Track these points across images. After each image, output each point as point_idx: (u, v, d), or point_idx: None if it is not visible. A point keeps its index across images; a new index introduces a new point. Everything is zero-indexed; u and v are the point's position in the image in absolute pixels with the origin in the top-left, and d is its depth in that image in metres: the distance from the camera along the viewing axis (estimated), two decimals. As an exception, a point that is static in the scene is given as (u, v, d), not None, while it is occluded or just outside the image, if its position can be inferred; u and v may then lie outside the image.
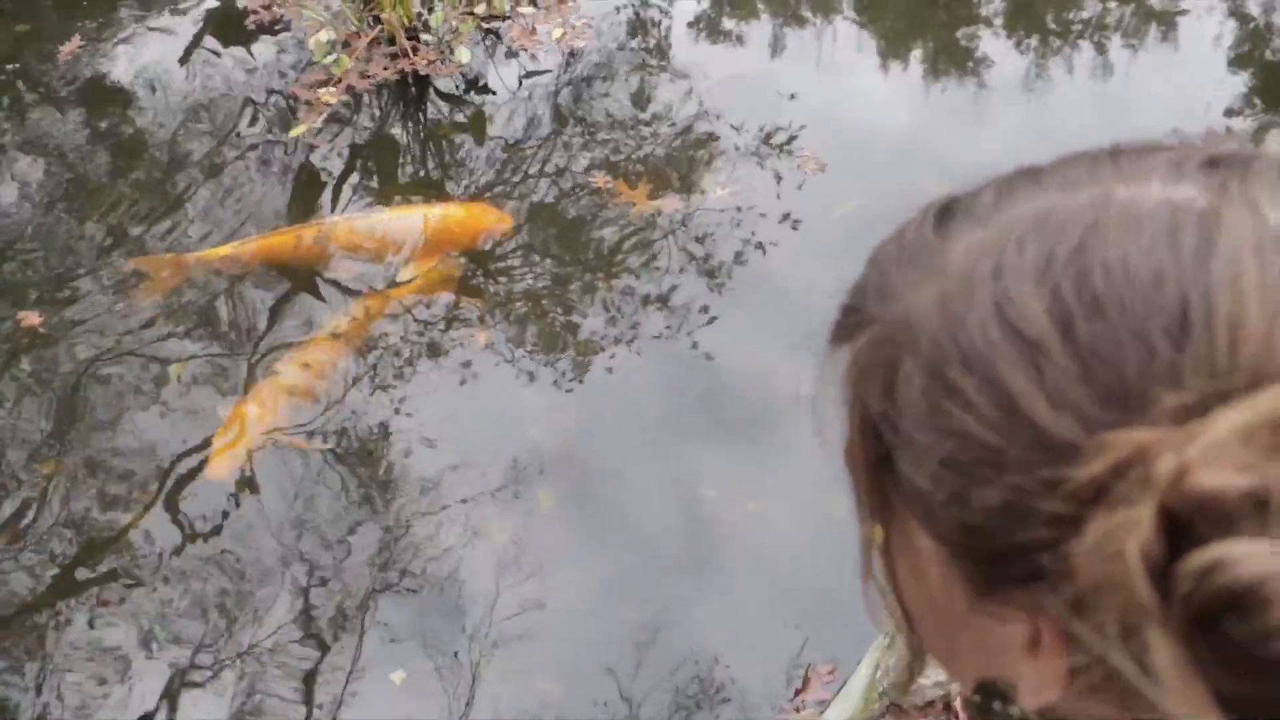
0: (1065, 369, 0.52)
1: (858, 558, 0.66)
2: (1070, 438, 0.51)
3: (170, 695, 3.11)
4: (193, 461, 3.56)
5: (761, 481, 3.42)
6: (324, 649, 3.18)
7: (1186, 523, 0.46)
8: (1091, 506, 0.49)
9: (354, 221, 4.18)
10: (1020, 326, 0.53)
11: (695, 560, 3.30)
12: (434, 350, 3.83)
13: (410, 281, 3.98)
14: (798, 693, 3.00)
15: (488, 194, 4.34)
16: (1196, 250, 0.52)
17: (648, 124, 4.56)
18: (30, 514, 3.45)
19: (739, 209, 4.19)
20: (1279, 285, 0.51)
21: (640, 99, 4.68)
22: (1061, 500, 0.51)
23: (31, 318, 3.92)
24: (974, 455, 0.54)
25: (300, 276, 4.05)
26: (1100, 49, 4.91)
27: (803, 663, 3.04)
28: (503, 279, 4.04)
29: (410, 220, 4.17)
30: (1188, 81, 4.66)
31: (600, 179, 4.29)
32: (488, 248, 4.11)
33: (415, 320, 3.92)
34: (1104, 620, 0.49)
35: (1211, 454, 0.46)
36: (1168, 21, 5.08)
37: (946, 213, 0.61)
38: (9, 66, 4.93)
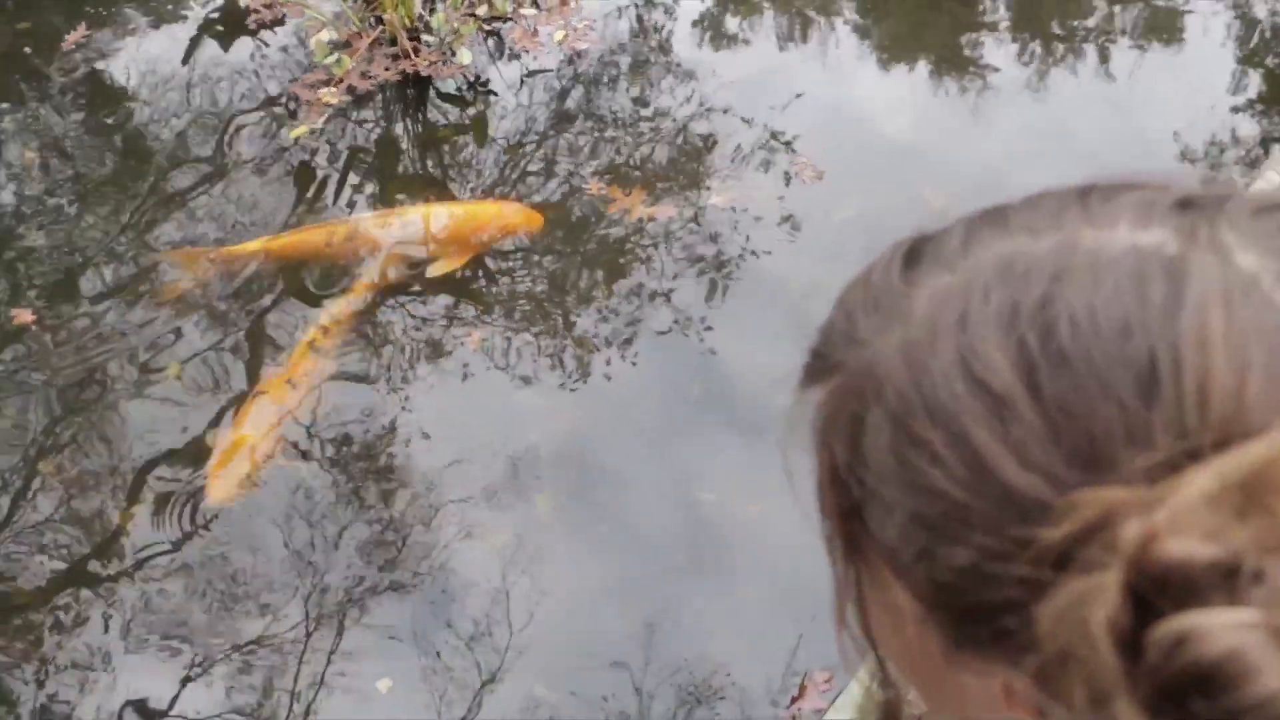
0: (1032, 425, 0.51)
1: (833, 606, 0.65)
2: (1039, 496, 0.50)
3: (158, 693, 3.12)
4: (186, 461, 3.56)
5: (761, 484, 3.40)
6: (315, 651, 3.18)
7: (1154, 591, 0.45)
8: (1059, 570, 0.48)
9: (385, 218, 4.16)
10: (986, 380, 0.52)
11: (694, 563, 3.29)
12: (432, 351, 3.83)
13: (359, 285, 3.95)
14: (794, 700, 2.99)
15: (490, 197, 4.32)
16: (1164, 301, 0.50)
17: (648, 128, 4.55)
18: (27, 511, 3.46)
19: (737, 213, 4.17)
20: (1247, 336, 0.49)
21: (640, 103, 4.66)
22: (1029, 563, 0.49)
23: (25, 315, 3.92)
24: (941, 512, 0.53)
25: (298, 276, 4.05)
26: (1105, 52, 4.89)
27: (800, 669, 3.03)
28: (501, 280, 4.04)
29: (442, 217, 4.14)
30: (1194, 82, 4.64)
31: (594, 186, 4.28)
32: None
33: (411, 320, 3.91)
34: (1071, 688, 0.47)
35: (1178, 520, 0.45)
36: (1173, 23, 5.06)
37: (914, 255, 0.60)
38: (10, 64, 4.93)
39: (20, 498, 3.50)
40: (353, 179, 4.43)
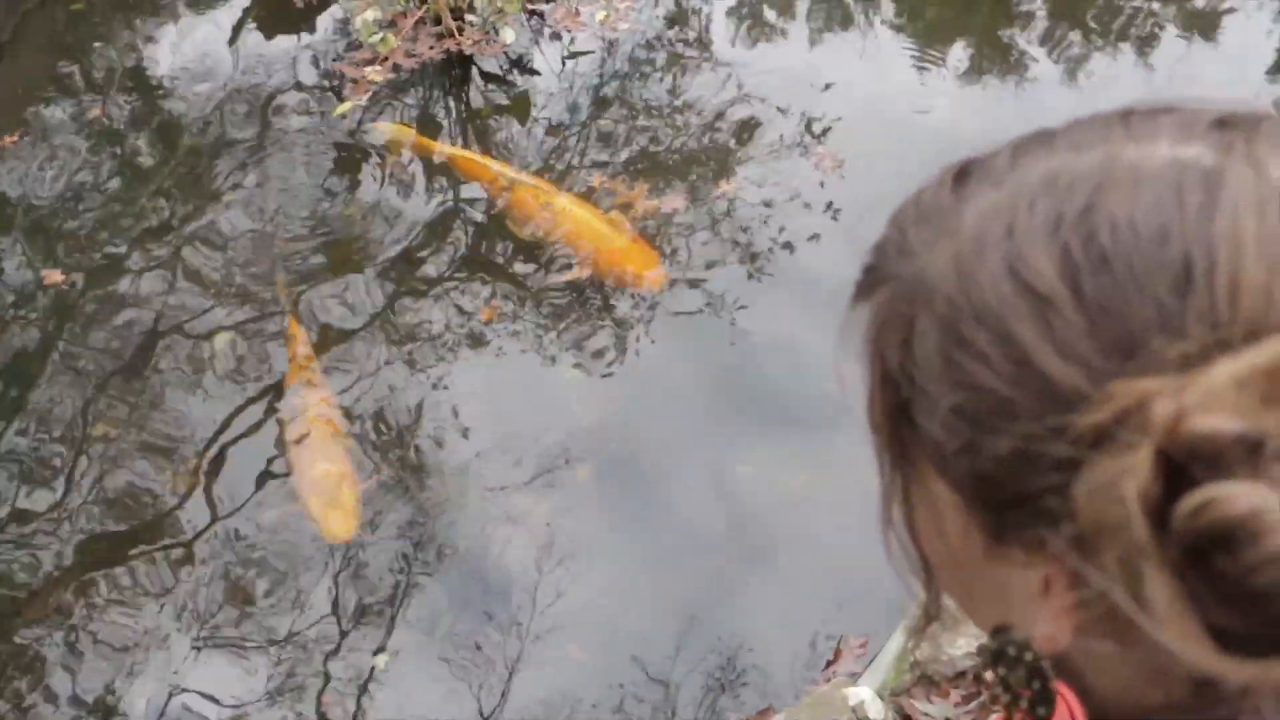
0: (1073, 322, 0.54)
1: (879, 508, 0.69)
2: (1077, 387, 0.54)
3: (186, 666, 3.16)
4: (225, 433, 3.62)
5: (798, 459, 3.45)
6: (351, 626, 3.22)
7: (1183, 465, 0.48)
8: (1095, 451, 0.51)
9: (538, 192, 4.13)
10: (1031, 283, 0.56)
11: (731, 535, 3.33)
12: (471, 335, 3.86)
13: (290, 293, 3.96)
14: (829, 664, 3.03)
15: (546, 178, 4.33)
16: (1200, 207, 0.54)
17: (679, 113, 4.56)
18: (69, 483, 3.52)
19: (763, 203, 4.20)
20: (1278, 239, 0.53)
21: (674, 88, 4.69)
22: (1068, 445, 0.53)
23: (54, 275, 4.01)
24: (986, 405, 0.57)
25: (340, 259, 4.10)
26: (1145, 41, 4.87)
27: (835, 635, 3.08)
28: (538, 263, 4.05)
29: (579, 221, 4.04)
30: (1235, 70, 4.62)
31: (598, 179, 4.29)
32: (527, 235, 4.08)
33: (453, 306, 3.95)
34: (1105, 558, 0.51)
35: (1208, 400, 0.48)
36: (1215, 11, 5.03)
37: (963, 174, 0.63)
38: (61, 46, 5.00)
39: (64, 471, 3.55)
40: (394, 155, 4.48)
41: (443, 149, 4.37)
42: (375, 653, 3.16)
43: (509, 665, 3.12)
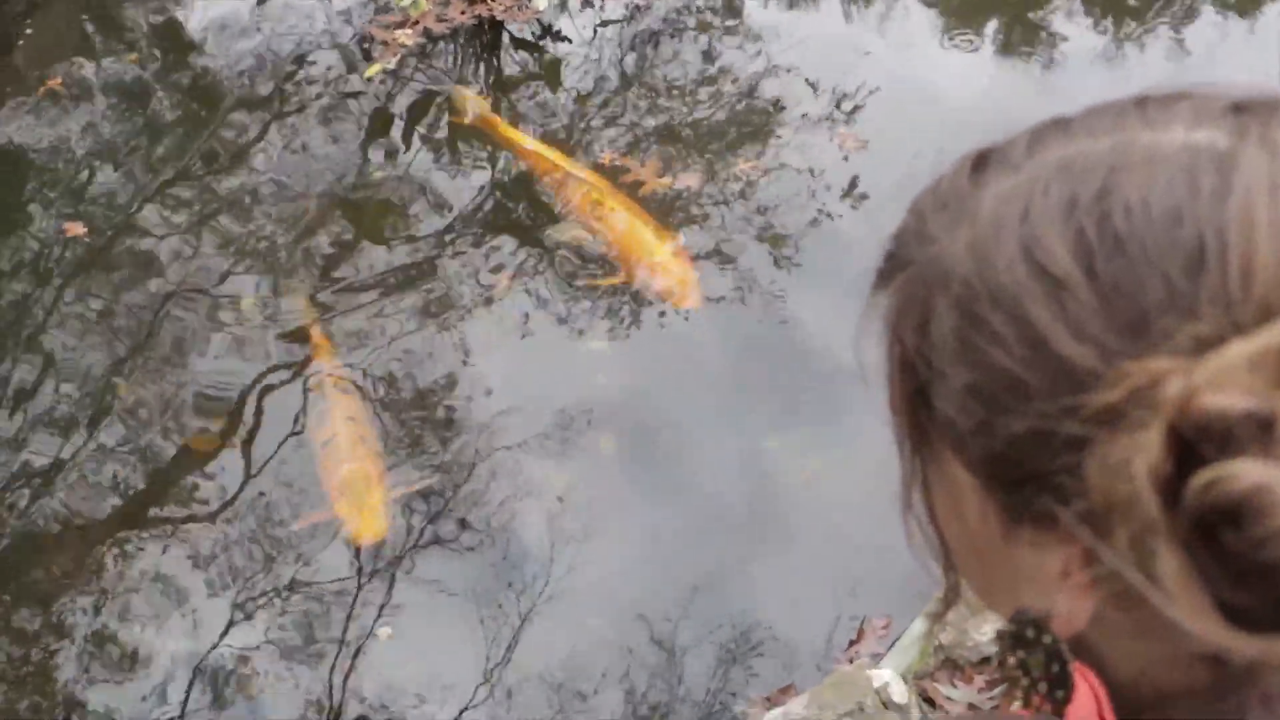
0: (1087, 303, 0.55)
1: (899, 493, 0.69)
2: (1091, 367, 0.54)
3: (212, 626, 3.17)
4: (247, 396, 3.62)
5: (824, 438, 3.43)
6: (369, 591, 3.23)
7: (1193, 443, 0.49)
8: (1107, 429, 0.52)
9: (593, 192, 4.05)
10: (1045, 265, 0.57)
11: (753, 511, 3.32)
12: (496, 308, 3.85)
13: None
14: (851, 644, 3.02)
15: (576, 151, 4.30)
16: (1214, 190, 0.55)
17: (707, 86, 4.53)
18: (87, 440, 3.53)
19: (789, 182, 4.16)
20: None
21: (704, 59, 4.65)
22: (1081, 424, 0.54)
23: (76, 228, 4.02)
24: (1001, 386, 0.58)
25: (366, 223, 4.09)
26: (1181, 21, 4.80)
27: (857, 615, 3.06)
28: (575, 257, 4.00)
29: (626, 228, 3.94)
30: (1276, 51, 4.54)
31: (608, 156, 4.24)
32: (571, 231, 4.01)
33: (472, 274, 3.94)
34: (1117, 536, 0.52)
35: (1219, 379, 0.49)
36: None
37: (981, 161, 0.64)
38: (84, 4, 5.01)
39: (80, 428, 3.56)
40: (425, 120, 4.46)
41: (505, 129, 4.33)
42: (383, 620, 3.18)
43: (525, 634, 3.13)
